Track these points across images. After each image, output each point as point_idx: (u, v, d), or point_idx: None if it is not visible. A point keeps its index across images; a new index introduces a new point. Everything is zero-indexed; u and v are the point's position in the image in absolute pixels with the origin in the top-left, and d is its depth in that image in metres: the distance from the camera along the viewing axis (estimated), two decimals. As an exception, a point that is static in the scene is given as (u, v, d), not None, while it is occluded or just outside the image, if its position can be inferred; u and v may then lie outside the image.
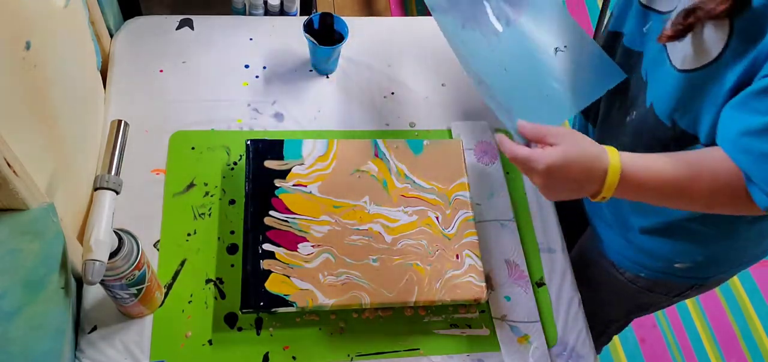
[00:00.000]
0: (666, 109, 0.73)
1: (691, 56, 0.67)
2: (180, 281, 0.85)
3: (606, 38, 0.85)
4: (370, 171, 0.93)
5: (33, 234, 0.67)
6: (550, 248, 0.97)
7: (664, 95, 0.72)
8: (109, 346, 0.79)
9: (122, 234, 0.70)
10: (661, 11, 0.74)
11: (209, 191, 0.92)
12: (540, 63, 0.85)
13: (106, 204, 0.67)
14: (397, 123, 1.05)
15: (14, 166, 0.61)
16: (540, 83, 0.83)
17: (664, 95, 0.72)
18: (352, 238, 0.87)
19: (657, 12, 0.75)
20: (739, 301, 1.86)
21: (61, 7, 0.80)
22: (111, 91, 1.00)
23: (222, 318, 0.83)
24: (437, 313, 0.88)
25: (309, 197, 0.89)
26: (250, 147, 0.91)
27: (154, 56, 1.05)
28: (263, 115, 1.02)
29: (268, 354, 0.81)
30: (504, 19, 0.86)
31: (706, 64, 0.66)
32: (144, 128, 0.96)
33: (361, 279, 0.84)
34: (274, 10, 1.20)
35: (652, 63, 0.76)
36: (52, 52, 0.75)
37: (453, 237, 0.89)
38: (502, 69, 0.82)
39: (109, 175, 0.69)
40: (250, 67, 1.07)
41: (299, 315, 0.85)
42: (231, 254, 0.88)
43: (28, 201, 0.66)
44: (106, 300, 0.79)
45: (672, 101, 0.71)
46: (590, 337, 0.90)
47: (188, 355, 0.80)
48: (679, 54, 0.69)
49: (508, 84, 0.82)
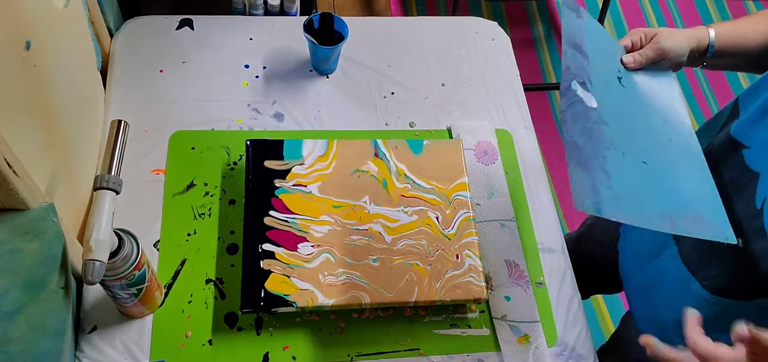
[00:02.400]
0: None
1: None
2: (180, 281, 0.85)
3: (723, 141, 0.75)
4: (370, 171, 0.93)
5: (33, 234, 0.67)
6: (550, 248, 0.97)
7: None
8: (109, 346, 0.79)
9: (122, 234, 0.70)
10: None
11: (209, 191, 0.92)
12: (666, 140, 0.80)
13: (106, 204, 0.67)
14: (397, 123, 1.05)
15: (14, 166, 0.61)
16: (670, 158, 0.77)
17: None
18: (352, 238, 0.87)
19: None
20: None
21: (61, 7, 0.80)
22: (111, 91, 1.00)
23: (222, 318, 0.83)
24: (437, 313, 0.88)
25: (309, 197, 0.89)
26: (250, 147, 0.91)
27: (154, 56, 1.05)
28: (263, 115, 1.02)
29: (268, 354, 0.81)
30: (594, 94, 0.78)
31: None
32: (144, 128, 0.96)
33: (361, 279, 0.84)
34: (274, 10, 1.20)
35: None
36: (52, 52, 0.75)
37: (453, 237, 0.89)
38: (640, 164, 0.73)
39: (109, 175, 0.68)
40: (250, 67, 1.07)
41: (299, 315, 0.85)
42: (231, 254, 0.88)
43: (28, 201, 0.66)
44: (106, 300, 0.79)
45: None
46: (590, 337, 0.90)
47: (188, 355, 0.80)
48: None
49: (660, 179, 0.74)
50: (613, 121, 0.76)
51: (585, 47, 0.81)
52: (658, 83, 0.86)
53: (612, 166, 0.69)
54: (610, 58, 0.85)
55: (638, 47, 0.85)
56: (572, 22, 0.81)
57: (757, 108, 0.72)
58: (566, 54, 0.77)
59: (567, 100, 0.74)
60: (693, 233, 0.66)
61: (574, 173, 0.66)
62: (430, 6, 2.27)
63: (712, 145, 0.79)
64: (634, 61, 0.84)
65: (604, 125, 0.74)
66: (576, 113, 0.73)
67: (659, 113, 0.84)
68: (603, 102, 0.77)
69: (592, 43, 0.83)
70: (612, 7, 2.36)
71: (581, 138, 0.71)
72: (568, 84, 0.76)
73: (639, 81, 0.86)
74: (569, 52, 0.78)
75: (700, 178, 0.76)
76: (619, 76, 0.84)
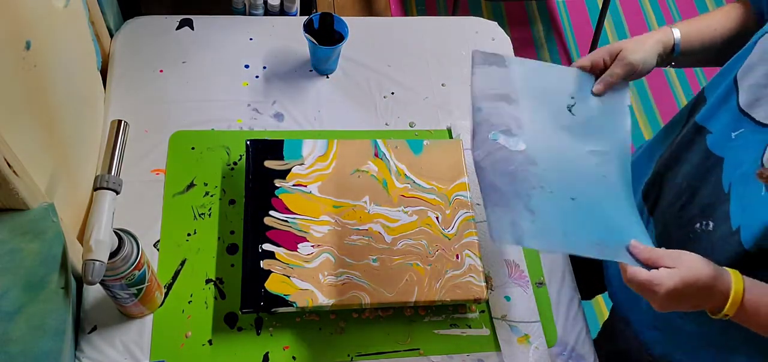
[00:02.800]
0: (757, 238, 0.67)
1: None
2: (180, 281, 0.85)
3: (690, 129, 0.78)
4: (370, 171, 0.93)
5: (33, 234, 0.67)
6: (550, 248, 0.97)
7: (758, 226, 0.66)
8: (109, 346, 0.79)
9: (122, 234, 0.70)
10: (760, 122, 0.68)
11: (209, 191, 0.92)
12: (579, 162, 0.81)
13: (106, 204, 0.67)
14: (397, 123, 1.05)
15: (14, 166, 0.61)
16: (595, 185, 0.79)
17: (758, 226, 0.66)
18: (352, 238, 0.87)
19: (754, 121, 0.68)
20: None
21: (61, 7, 0.80)
22: (111, 91, 1.00)
23: (222, 318, 0.83)
24: (437, 313, 0.88)
25: (309, 197, 0.89)
26: (250, 147, 0.91)
27: (154, 56, 1.05)
28: (263, 115, 1.02)
29: (268, 354, 0.81)
30: (518, 136, 0.79)
31: None
32: (144, 128, 0.96)
33: (361, 279, 0.84)
34: (274, 10, 1.20)
35: (741, 181, 0.69)
36: (52, 52, 0.75)
37: (453, 237, 0.89)
38: (569, 200, 0.75)
39: (109, 175, 0.68)
40: (250, 67, 1.07)
41: (299, 315, 0.84)
42: (231, 254, 0.88)
43: (28, 201, 0.66)
44: (106, 300, 0.79)
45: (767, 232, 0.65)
46: (590, 337, 0.90)
47: (188, 355, 0.80)
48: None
49: (588, 213, 0.76)
50: (545, 160, 0.77)
51: (514, 94, 0.81)
52: (611, 101, 0.84)
53: (537, 203, 0.72)
54: (558, 88, 0.84)
55: (601, 66, 0.83)
56: (488, 77, 0.81)
57: (720, 94, 0.74)
58: (480, 110, 0.77)
59: (486, 149, 0.75)
60: (620, 259, 0.68)
61: (492, 213, 0.69)
62: (430, 6, 2.27)
63: (678, 136, 0.81)
64: (604, 85, 0.82)
65: (532, 166, 0.76)
66: (496, 160, 0.75)
67: (601, 143, 0.82)
68: (535, 142, 0.78)
69: (527, 85, 0.82)
70: (612, 7, 2.36)
71: (501, 180, 0.73)
72: (485, 136, 0.76)
73: (593, 104, 0.84)
74: (485, 106, 0.78)
75: (625, 209, 0.78)
76: (571, 104, 0.83)
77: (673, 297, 0.64)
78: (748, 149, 0.68)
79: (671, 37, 0.81)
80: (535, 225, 0.69)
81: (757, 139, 0.67)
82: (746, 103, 0.69)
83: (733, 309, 0.65)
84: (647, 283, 0.64)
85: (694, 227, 0.75)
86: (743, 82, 0.70)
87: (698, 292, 0.64)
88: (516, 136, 0.78)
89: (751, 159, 0.67)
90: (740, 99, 0.70)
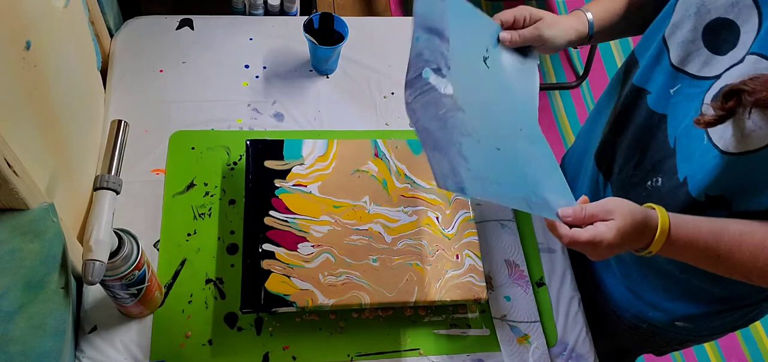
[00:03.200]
0: (703, 187, 0.69)
1: (738, 139, 0.63)
2: (180, 281, 0.85)
3: (629, 92, 0.80)
4: (370, 171, 0.93)
5: (33, 234, 0.67)
6: (550, 248, 0.97)
7: (703, 174, 0.68)
8: (109, 346, 0.79)
9: (122, 234, 0.70)
10: (694, 75, 0.70)
11: (209, 191, 0.92)
12: (510, 107, 0.81)
13: (106, 204, 0.67)
14: (397, 123, 1.05)
15: (14, 166, 0.61)
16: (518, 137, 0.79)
17: (703, 174, 0.68)
18: (352, 238, 0.87)
19: (689, 75, 0.70)
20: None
21: (61, 7, 0.80)
22: (111, 91, 1.00)
23: (222, 318, 0.83)
24: (437, 313, 0.88)
25: (309, 197, 0.89)
26: (250, 147, 0.91)
27: (154, 56, 1.05)
28: (263, 115, 1.02)
29: (268, 354, 0.81)
30: (447, 78, 0.76)
31: (757, 149, 0.62)
32: (144, 128, 0.96)
33: (361, 279, 0.84)
34: (274, 10, 1.20)
35: (684, 134, 0.71)
36: (52, 52, 0.75)
37: (453, 237, 0.89)
38: (495, 150, 0.74)
39: (109, 175, 0.68)
40: (250, 67, 1.07)
41: (299, 315, 0.84)
42: (231, 254, 0.87)
43: (28, 201, 0.66)
44: (106, 300, 0.79)
45: (713, 181, 0.68)
46: (590, 337, 0.90)
47: (188, 355, 0.80)
48: (720, 133, 0.65)
49: (513, 165, 0.75)
50: (470, 107, 0.75)
51: (446, 30, 0.78)
52: (522, 66, 0.85)
53: (468, 150, 0.69)
54: (478, 38, 0.83)
55: (520, 26, 0.85)
56: (430, 5, 0.78)
57: (652, 54, 0.76)
58: (418, 39, 0.74)
59: (417, 88, 0.72)
60: (546, 214, 0.68)
61: (433, 157, 0.66)
62: (430, 6, 2.26)
63: (619, 101, 0.83)
64: (511, 40, 0.84)
65: (459, 112, 0.73)
66: (427, 101, 0.72)
67: (514, 100, 0.83)
68: (460, 87, 0.75)
69: (456, 24, 0.80)
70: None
71: (434, 125, 0.70)
72: (418, 72, 0.73)
73: (504, 62, 0.84)
74: (423, 37, 0.75)
75: (547, 165, 0.78)
76: (486, 56, 0.83)
77: (614, 246, 0.66)
78: (688, 102, 0.70)
79: (585, 22, 0.85)
80: (471, 173, 0.67)
81: (694, 91, 0.69)
82: (678, 60, 0.71)
83: (658, 244, 0.67)
84: (590, 242, 0.66)
85: (646, 185, 0.77)
86: (672, 41, 0.72)
87: (633, 235, 0.66)
88: (445, 77, 0.75)
89: (692, 111, 0.70)
90: (672, 57, 0.72)
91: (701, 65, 0.69)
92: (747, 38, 0.63)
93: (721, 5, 0.66)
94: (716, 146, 0.65)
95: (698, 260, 0.70)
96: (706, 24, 0.68)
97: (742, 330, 1.78)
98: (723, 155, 0.65)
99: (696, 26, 0.69)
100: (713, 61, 0.67)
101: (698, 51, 0.69)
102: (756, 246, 0.66)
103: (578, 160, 0.98)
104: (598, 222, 0.66)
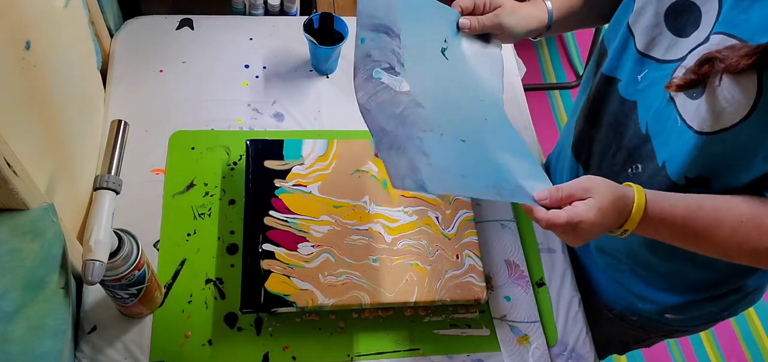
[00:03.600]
0: (682, 169, 0.69)
1: (711, 117, 0.62)
2: (180, 281, 0.85)
3: (599, 82, 0.80)
4: (370, 171, 0.93)
5: (33, 234, 0.67)
6: (550, 248, 0.97)
7: (680, 157, 0.68)
8: (109, 346, 0.79)
9: (122, 235, 0.70)
10: (660, 59, 0.70)
11: (209, 191, 0.92)
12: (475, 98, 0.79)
13: (106, 204, 0.67)
14: (397, 123, 1.05)
15: (14, 166, 0.61)
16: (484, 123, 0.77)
17: (680, 157, 0.68)
18: (352, 238, 0.87)
19: (655, 60, 0.71)
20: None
21: (61, 7, 0.80)
22: (111, 91, 1.00)
23: (222, 318, 0.83)
24: (437, 313, 0.88)
25: (309, 197, 0.89)
26: (250, 147, 0.91)
27: (154, 56, 1.05)
28: (263, 115, 1.02)
29: (268, 354, 0.81)
30: (401, 75, 0.73)
31: (731, 126, 0.61)
32: (144, 128, 0.96)
33: (361, 279, 0.84)
34: (274, 10, 1.20)
35: (656, 117, 0.71)
36: (52, 52, 0.75)
37: (453, 237, 0.89)
38: (459, 142, 0.71)
39: (109, 175, 0.68)
40: (250, 67, 1.07)
41: (299, 315, 0.84)
42: (231, 254, 0.87)
43: (28, 201, 0.66)
44: (106, 300, 0.79)
45: (691, 162, 0.67)
46: (590, 337, 0.90)
47: (188, 355, 0.80)
48: (693, 113, 0.64)
49: (480, 156, 0.72)
50: (430, 102, 0.73)
51: (396, 26, 0.75)
52: (485, 52, 0.84)
53: (430, 146, 0.67)
54: (434, 28, 0.81)
55: (480, 12, 0.85)
56: (373, 2, 0.76)
57: (618, 43, 0.76)
58: (363, 41, 0.72)
59: (369, 90, 0.69)
60: (520, 200, 0.66)
61: (388, 157, 0.63)
62: (430, 6, 2.26)
63: (591, 91, 0.83)
64: (470, 26, 0.84)
65: (419, 108, 0.70)
66: (382, 101, 0.69)
67: (478, 90, 0.81)
68: (418, 83, 0.73)
69: (408, 16, 0.78)
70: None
71: (391, 123, 0.67)
72: (368, 74, 0.70)
73: (466, 50, 0.82)
74: (369, 36, 0.73)
75: (517, 150, 0.76)
76: (445, 46, 0.81)
77: (595, 226, 0.64)
78: (657, 87, 0.70)
79: (545, 12, 0.85)
80: (432, 168, 0.64)
81: (660, 75, 0.69)
82: (643, 45, 0.72)
83: (632, 223, 0.66)
84: (568, 222, 0.64)
85: (627, 173, 0.77)
86: (636, 27, 0.72)
87: (613, 213, 0.65)
88: (399, 75, 0.72)
89: (660, 95, 0.70)
90: (637, 43, 0.73)
91: (666, 49, 0.69)
92: (709, 18, 0.64)
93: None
94: (690, 127, 0.65)
95: (675, 237, 0.69)
96: (667, 7, 0.68)
97: (743, 330, 1.80)
98: (698, 135, 0.65)
99: (658, 10, 0.69)
100: (677, 44, 0.68)
101: (662, 34, 0.69)
102: (734, 221, 0.65)
103: (557, 154, 0.99)
104: (576, 202, 0.65)
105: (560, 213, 0.64)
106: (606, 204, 0.64)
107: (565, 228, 0.65)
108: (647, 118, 0.72)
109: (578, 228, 0.64)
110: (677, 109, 0.67)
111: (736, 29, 0.60)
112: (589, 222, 0.63)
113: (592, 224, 0.63)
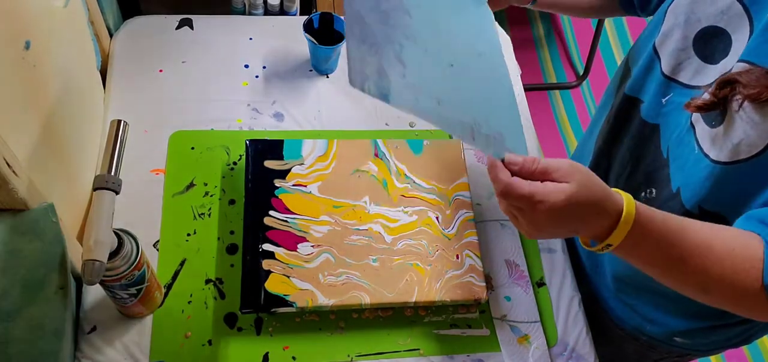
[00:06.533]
0: (696, 198, 0.66)
1: (729, 147, 0.60)
2: (180, 281, 0.85)
3: (622, 101, 0.78)
4: (370, 171, 0.93)
5: (33, 234, 0.67)
6: (550, 248, 0.97)
7: (694, 185, 0.66)
8: (108, 346, 0.79)
9: (122, 235, 0.70)
10: (686, 85, 0.68)
11: (209, 191, 0.92)
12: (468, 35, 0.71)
13: (105, 204, 0.67)
14: (397, 123, 1.05)
15: (14, 166, 0.61)
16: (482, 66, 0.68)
17: (694, 185, 0.66)
18: (352, 238, 0.87)
19: (681, 85, 0.69)
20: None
21: (61, 7, 0.80)
22: (111, 91, 1.00)
23: (222, 318, 0.83)
24: (437, 313, 0.88)
25: (309, 197, 0.89)
26: (249, 147, 0.91)
27: (153, 56, 1.05)
28: (263, 115, 1.02)
29: (268, 354, 0.81)
30: None
31: (748, 157, 0.59)
32: (144, 128, 0.96)
33: (361, 279, 0.84)
34: (274, 10, 1.20)
35: (676, 143, 0.69)
36: (51, 51, 0.75)
37: (453, 237, 0.89)
38: (447, 65, 0.63)
39: (109, 175, 0.68)
40: (250, 67, 1.07)
41: (299, 315, 0.84)
42: (231, 254, 0.87)
43: (28, 201, 0.66)
44: (106, 300, 0.79)
45: (706, 192, 0.65)
46: (590, 337, 0.90)
47: (188, 355, 0.80)
48: (711, 142, 0.62)
49: (465, 86, 0.64)
50: (420, 14, 0.64)
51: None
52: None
53: (409, 56, 0.59)
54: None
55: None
56: None
57: (643, 64, 0.75)
58: None
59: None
60: (488, 150, 0.58)
61: (356, 49, 0.54)
62: (430, 6, 2.26)
63: (612, 111, 0.82)
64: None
65: (405, 15, 0.62)
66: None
67: (471, 22, 0.74)
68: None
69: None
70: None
71: (372, 16, 0.58)
72: None
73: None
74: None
75: (506, 101, 0.68)
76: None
77: (556, 214, 0.54)
78: (680, 112, 0.69)
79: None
80: (405, 80, 0.56)
81: (686, 100, 0.67)
82: (669, 69, 0.71)
83: (620, 235, 0.56)
84: (529, 197, 0.54)
85: (640, 196, 0.76)
86: (663, 50, 0.72)
87: (587, 211, 0.55)
88: None
89: (684, 120, 0.68)
90: (663, 66, 0.72)
91: (693, 74, 0.68)
92: (739, 46, 0.63)
93: (710, 14, 0.65)
94: (707, 155, 0.64)
95: (659, 259, 0.60)
96: (696, 33, 0.67)
97: (754, 356, 1.78)
98: (714, 164, 0.63)
99: (686, 35, 0.68)
100: (705, 70, 0.67)
101: (689, 59, 0.68)
102: (724, 249, 0.58)
103: None
104: (547, 181, 0.55)
105: (523, 183, 0.55)
106: (581, 197, 0.54)
107: (521, 203, 0.55)
108: (669, 143, 0.71)
109: (536, 210, 0.54)
110: (696, 135, 0.66)
111: (759, 58, 0.59)
112: (553, 208, 0.53)
113: (556, 212, 0.53)
